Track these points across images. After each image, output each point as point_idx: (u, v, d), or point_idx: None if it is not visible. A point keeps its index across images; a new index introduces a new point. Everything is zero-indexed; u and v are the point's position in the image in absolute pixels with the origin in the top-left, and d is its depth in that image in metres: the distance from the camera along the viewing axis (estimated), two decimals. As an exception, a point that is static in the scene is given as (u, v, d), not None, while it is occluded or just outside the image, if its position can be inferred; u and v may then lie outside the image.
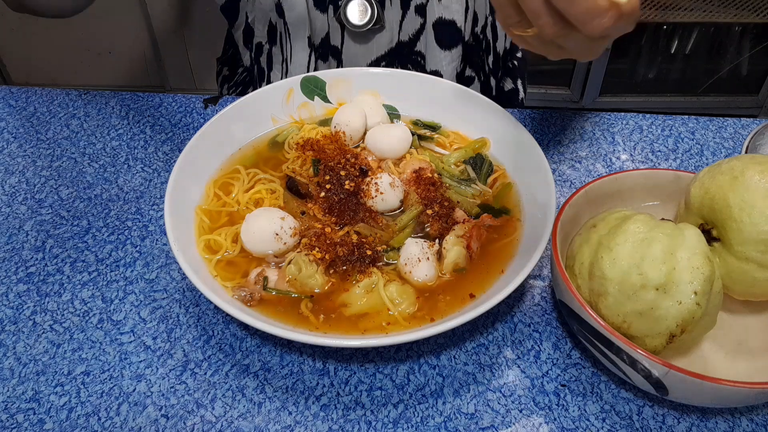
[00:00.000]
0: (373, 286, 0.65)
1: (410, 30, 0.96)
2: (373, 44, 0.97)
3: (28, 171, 0.87)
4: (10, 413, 0.61)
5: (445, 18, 0.94)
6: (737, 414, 0.61)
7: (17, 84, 2.03)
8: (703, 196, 0.63)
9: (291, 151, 0.81)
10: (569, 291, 0.58)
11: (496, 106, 0.81)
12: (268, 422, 0.60)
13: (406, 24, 0.95)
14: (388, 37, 0.96)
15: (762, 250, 0.58)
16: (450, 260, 0.67)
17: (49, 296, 0.71)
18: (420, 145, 0.82)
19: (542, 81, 2.29)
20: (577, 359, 0.65)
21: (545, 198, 0.69)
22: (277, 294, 0.65)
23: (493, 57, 1.05)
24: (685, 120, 0.95)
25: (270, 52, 1.00)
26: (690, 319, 0.55)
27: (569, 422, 0.60)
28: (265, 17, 0.97)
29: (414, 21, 0.95)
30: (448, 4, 0.93)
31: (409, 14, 0.94)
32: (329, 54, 0.98)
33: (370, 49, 0.98)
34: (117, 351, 0.66)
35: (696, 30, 2.16)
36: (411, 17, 0.94)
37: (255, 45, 1.02)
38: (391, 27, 0.95)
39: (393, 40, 0.97)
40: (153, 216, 0.80)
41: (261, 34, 1.00)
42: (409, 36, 0.96)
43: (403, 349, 0.66)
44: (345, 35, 0.96)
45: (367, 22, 0.92)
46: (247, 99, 0.83)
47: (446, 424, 0.60)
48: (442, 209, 0.72)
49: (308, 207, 0.73)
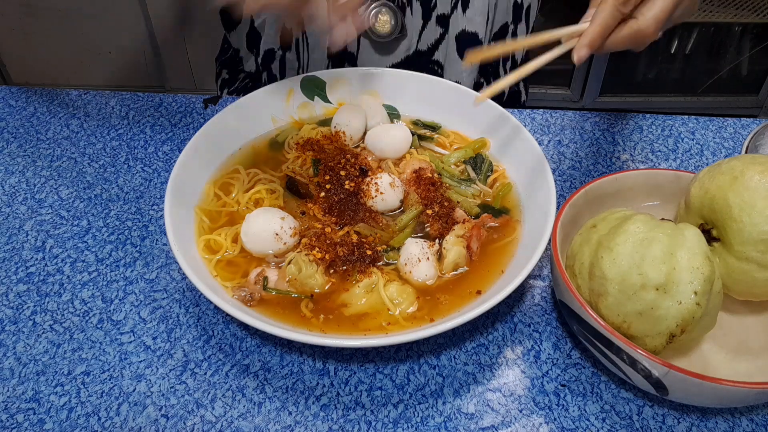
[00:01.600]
0: (373, 286, 0.65)
1: (430, 39, 0.95)
2: (390, 51, 0.96)
3: (28, 171, 0.87)
4: (10, 413, 0.61)
5: (468, 30, 0.93)
6: (737, 414, 0.61)
7: (17, 84, 2.03)
8: (703, 196, 0.63)
9: (291, 151, 0.81)
10: (569, 291, 0.58)
11: (496, 106, 0.81)
12: (268, 422, 0.60)
13: (426, 33, 0.94)
14: (406, 44, 0.95)
15: (762, 250, 0.58)
16: (450, 260, 0.67)
17: (49, 296, 0.71)
18: (420, 145, 0.83)
19: (542, 81, 2.29)
20: (577, 359, 0.65)
21: (545, 198, 0.69)
22: (277, 294, 0.65)
23: (511, 63, 1.05)
24: (685, 120, 0.95)
25: (283, 58, 0.98)
26: (690, 319, 0.55)
27: (569, 422, 0.60)
28: (278, 21, 0.94)
29: (434, 31, 0.94)
30: (472, 17, 0.92)
31: (430, 24, 0.93)
32: (345, 61, 0.97)
33: (386, 56, 0.96)
34: (117, 351, 0.66)
35: (696, 30, 2.16)
36: (432, 27, 0.93)
37: (264, 51, 0.99)
38: (410, 35, 0.94)
39: (411, 48, 0.96)
40: (153, 216, 0.80)
41: (272, 40, 0.97)
42: (428, 45, 0.95)
43: (403, 349, 0.66)
44: (362, 43, 0.95)
45: (391, 32, 0.91)
46: (247, 99, 0.83)
47: (446, 424, 0.60)
48: (442, 209, 0.72)
49: (308, 207, 0.73)
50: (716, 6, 2.02)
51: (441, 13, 0.92)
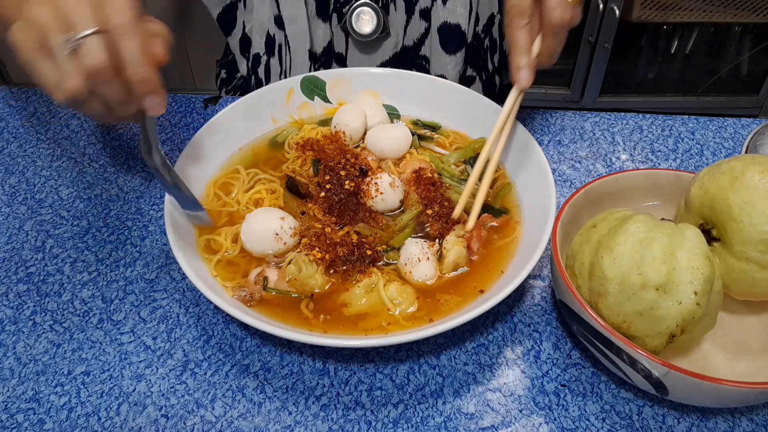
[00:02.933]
0: (373, 286, 0.65)
1: (415, 35, 0.95)
2: (378, 50, 0.96)
3: (28, 171, 0.87)
4: (10, 413, 0.61)
5: (450, 22, 0.93)
6: (737, 414, 0.61)
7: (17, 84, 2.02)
8: (703, 196, 0.63)
9: (291, 151, 0.81)
10: (569, 291, 0.58)
11: (497, 106, 0.81)
12: (268, 422, 0.60)
13: (410, 29, 0.94)
14: (393, 42, 0.95)
15: (762, 250, 0.58)
16: (450, 260, 0.67)
17: (49, 296, 0.71)
18: (420, 145, 0.83)
19: (542, 81, 2.29)
20: (577, 359, 0.65)
21: (545, 198, 0.69)
22: (277, 294, 0.65)
23: (499, 55, 1.05)
24: (685, 120, 0.95)
25: (268, 63, 0.99)
26: (690, 319, 0.55)
27: (569, 422, 0.60)
28: (262, 27, 0.95)
29: (419, 25, 0.94)
30: (453, 8, 0.92)
31: (413, 19, 0.94)
32: (333, 61, 0.97)
33: (374, 55, 0.97)
34: (117, 351, 0.66)
35: (696, 30, 2.16)
36: (416, 22, 0.94)
37: (252, 55, 1.00)
38: (396, 32, 0.95)
39: (398, 45, 0.96)
40: (153, 216, 0.80)
41: (259, 45, 0.98)
42: (414, 41, 0.96)
43: (403, 349, 0.66)
44: (350, 42, 0.95)
45: (373, 31, 0.91)
46: (247, 99, 0.83)
47: (446, 424, 0.60)
48: (442, 209, 0.72)
49: (308, 207, 0.73)
50: (716, 6, 2.02)
51: (423, 7, 0.93)
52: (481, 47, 1.02)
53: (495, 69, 1.06)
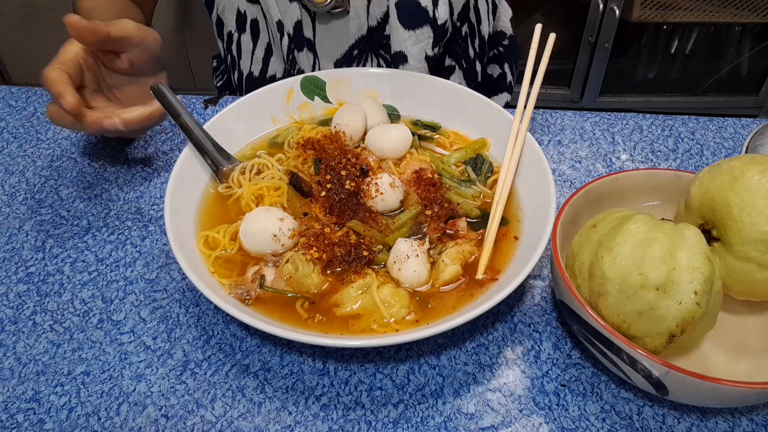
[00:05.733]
0: (366, 287, 0.64)
1: (377, 13, 0.94)
2: (343, 33, 0.96)
3: (28, 171, 0.87)
4: (10, 413, 0.61)
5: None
6: (737, 414, 0.61)
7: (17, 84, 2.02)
8: (703, 196, 0.63)
9: (291, 151, 0.81)
10: (569, 291, 0.58)
11: (497, 106, 0.81)
12: (268, 422, 0.60)
13: (372, 7, 0.94)
14: (356, 23, 0.95)
15: (762, 250, 0.58)
16: (445, 278, 0.66)
17: (49, 296, 0.71)
18: (420, 145, 0.82)
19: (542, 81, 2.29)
20: (577, 359, 0.65)
21: (545, 198, 0.69)
22: (273, 293, 0.65)
23: (479, 41, 1.04)
24: (685, 120, 0.95)
25: (239, 40, 1.01)
26: (690, 319, 0.55)
27: (569, 422, 0.60)
28: (232, 6, 0.98)
29: (381, 4, 0.93)
30: None
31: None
32: (304, 45, 0.98)
33: (342, 38, 0.97)
34: (117, 351, 0.66)
35: (696, 30, 2.16)
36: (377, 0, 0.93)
37: (226, 35, 1.03)
38: (357, 13, 0.94)
39: (362, 27, 0.96)
40: (153, 216, 0.80)
41: (230, 23, 1.01)
42: (378, 20, 0.95)
43: (403, 349, 0.66)
44: (316, 24, 0.95)
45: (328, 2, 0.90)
46: (247, 99, 0.83)
47: (446, 424, 0.60)
48: (442, 210, 0.72)
49: (311, 209, 0.73)
50: (716, 6, 2.02)
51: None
52: (458, 35, 1.01)
53: (477, 55, 1.05)
